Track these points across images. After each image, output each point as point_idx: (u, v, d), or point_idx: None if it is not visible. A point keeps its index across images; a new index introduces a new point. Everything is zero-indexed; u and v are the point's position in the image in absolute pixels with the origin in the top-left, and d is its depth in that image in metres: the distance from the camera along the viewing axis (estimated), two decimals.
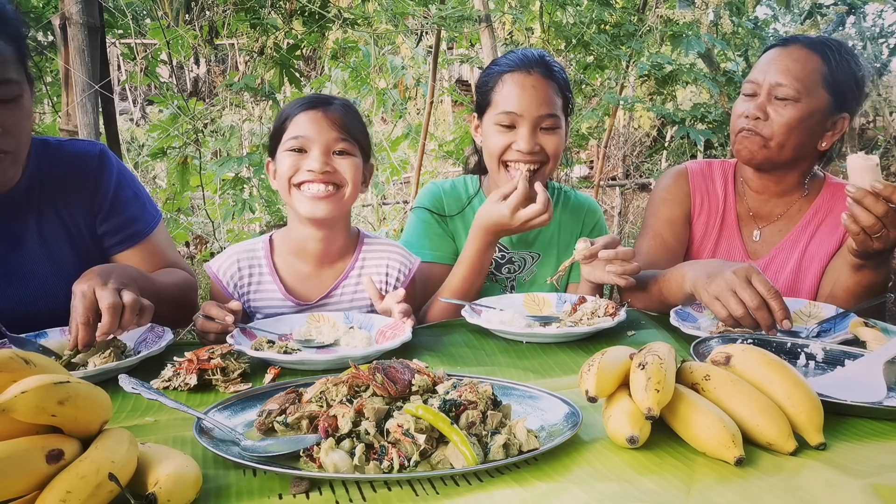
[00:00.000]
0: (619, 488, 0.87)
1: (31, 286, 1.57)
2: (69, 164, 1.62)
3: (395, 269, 1.76)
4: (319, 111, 1.63)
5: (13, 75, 1.38)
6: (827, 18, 6.38)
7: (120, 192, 1.67)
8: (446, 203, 2.00)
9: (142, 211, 1.71)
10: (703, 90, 5.42)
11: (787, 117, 1.74)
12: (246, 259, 1.72)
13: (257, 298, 1.71)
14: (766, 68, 1.78)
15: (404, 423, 0.94)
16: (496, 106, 1.83)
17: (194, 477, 0.84)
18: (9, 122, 1.39)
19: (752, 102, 1.79)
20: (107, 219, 1.65)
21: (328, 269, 1.74)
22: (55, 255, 1.59)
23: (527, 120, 1.79)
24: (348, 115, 1.66)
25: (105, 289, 1.32)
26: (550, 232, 2.01)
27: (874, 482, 0.85)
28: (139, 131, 6.66)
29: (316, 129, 1.61)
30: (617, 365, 1.04)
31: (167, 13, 3.80)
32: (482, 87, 1.91)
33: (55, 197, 1.59)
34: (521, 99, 1.79)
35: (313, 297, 1.72)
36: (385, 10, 3.58)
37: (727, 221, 1.95)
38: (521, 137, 1.79)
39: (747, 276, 1.41)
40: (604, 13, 4.05)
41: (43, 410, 0.78)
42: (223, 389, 1.26)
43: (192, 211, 4.68)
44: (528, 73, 1.81)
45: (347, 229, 1.76)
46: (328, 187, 1.62)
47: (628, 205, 6.74)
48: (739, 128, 1.81)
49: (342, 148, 1.63)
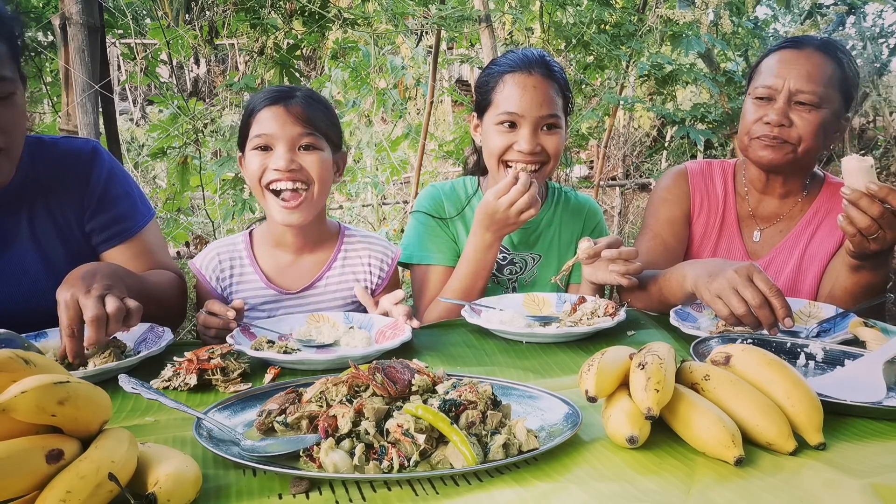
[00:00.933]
0: (618, 488, 0.87)
1: (23, 285, 1.57)
2: (61, 162, 1.61)
3: (378, 260, 1.80)
4: (281, 106, 1.62)
5: (7, 73, 1.39)
6: (827, 18, 6.38)
7: (110, 189, 1.65)
8: (446, 205, 2.00)
9: (132, 209, 1.69)
10: (703, 90, 5.42)
11: (814, 124, 1.72)
12: (227, 253, 1.75)
13: (240, 290, 1.73)
14: (783, 72, 1.74)
15: (404, 423, 0.94)
16: (497, 106, 1.83)
17: (194, 477, 0.84)
18: (3, 120, 1.39)
19: (769, 108, 1.75)
20: (95, 215, 1.64)
21: (308, 257, 1.77)
22: (47, 253, 1.59)
23: (528, 120, 1.79)
24: (312, 106, 1.64)
25: (88, 297, 1.27)
26: (551, 233, 2.01)
27: (874, 482, 0.85)
28: (139, 131, 6.66)
29: (279, 125, 1.61)
30: (617, 365, 1.04)
31: (167, 13, 3.80)
32: (482, 87, 1.90)
33: (47, 195, 1.59)
34: (523, 99, 1.79)
35: (294, 286, 1.74)
36: (385, 10, 3.58)
37: (727, 222, 1.95)
38: (522, 138, 1.79)
39: (749, 275, 1.41)
40: (604, 13, 4.05)
41: (43, 410, 0.78)
42: (223, 389, 1.26)
43: (192, 211, 4.68)
44: (529, 73, 1.81)
45: (322, 219, 1.78)
46: (296, 185, 1.61)
47: (628, 205, 6.74)
48: (758, 134, 1.77)
49: (307, 143, 1.62)
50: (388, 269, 1.80)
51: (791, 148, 1.76)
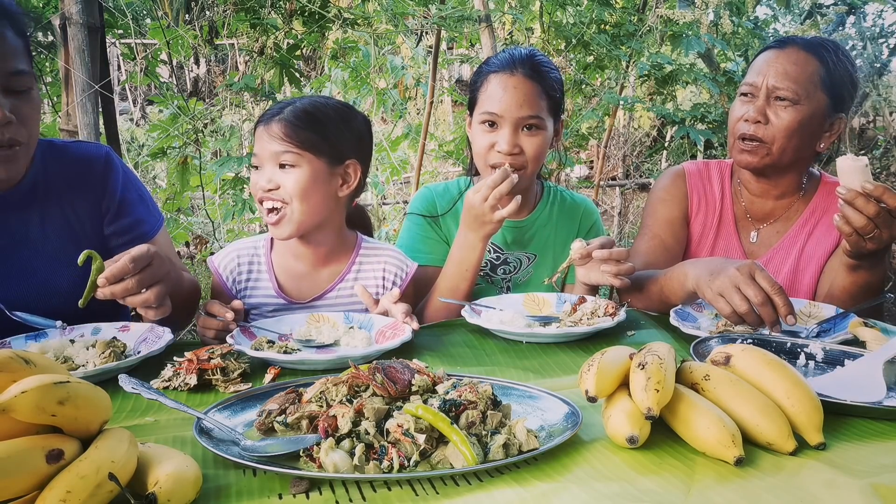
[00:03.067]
0: (618, 488, 0.87)
1: (31, 286, 1.58)
2: (75, 166, 1.64)
3: (392, 273, 1.76)
4: (263, 126, 1.64)
5: (25, 67, 1.42)
6: (827, 18, 6.38)
7: (126, 194, 1.70)
8: (439, 205, 1.99)
9: (147, 213, 1.74)
10: (703, 90, 5.41)
11: (788, 120, 1.74)
12: (247, 255, 1.75)
13: (252, 295, 1.73)
14: (763, 70, 1.77)
15: (404, 423, 0.94)
16: (481, 105, 1.84)
17: (194, 477, 0.84)
18: (23, 113, 1.42)
19: (750, 105, 1.78)
20: (115, 220, 1.68)
21: (323, 269, 1.75)
22: (58, 253, 1.60)
23: (507, 121, 1.79)
24: (299, 122, 1.61)
25: (146, 273, 1.37)
26: (546, 233, 2.01)
27: (874, 482, 0.86)
28: (139, 131, 6.65)
29: (262, 145, 1.63)
30: (617, 365, 1.04)
31: (167, 13, 3.81)
32: (472, 85, 1.92)
33: (61, 197, 1.62)
34: (503, 100, 1.79)
35: (306, 296, 1.72)
36: (385, 10, 3.58)
37: (724, 222, 1.96)
38: (501, 137, 1.80)
39: (751, 272, 1.41)
40: (604, 13, 4.05)
41: (43, 410, 0.78)
42: (223, 389, 1.26)
43: (192, 211, 4.68)
44: (512, 73, 1.80)
45: (334, 231, 1.74)
46: (273, 203, 1.62)
47: (628, 205, 6.73)
48: (740, 133, 1.79)
49: (283, 161, 1.61)
50: (403, 283, 1.76)
51: (766, 150, 1.77)
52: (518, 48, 1.92)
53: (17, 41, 1.41)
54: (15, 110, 1.40)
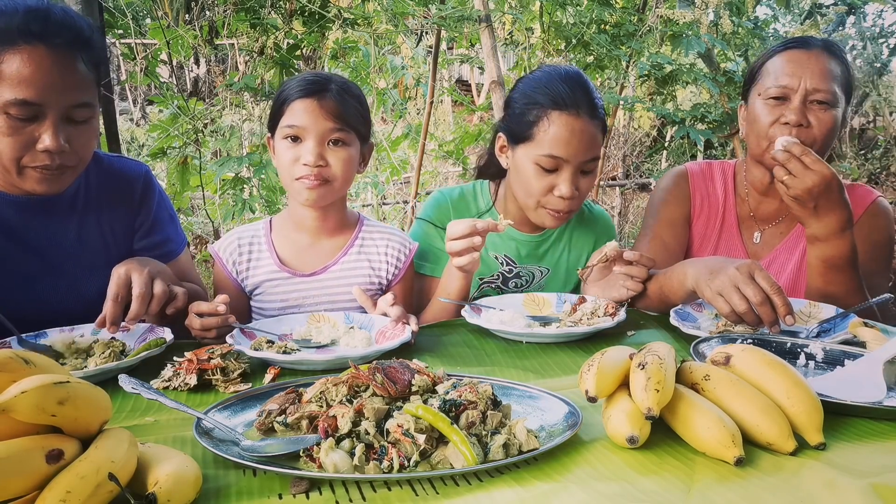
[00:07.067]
0: (618, 488, 0.87)
1: (60, 284, 1.62)
2: (116, 181, 1.70)
3: (396, 250, 1.80)
4: (314, 100, 1.63)
5: (90, 99, 1.44)
6: (827, 18, 6.38)
7: (160, 213, 1.77)
8: (454, 214, 1.93)
9: (175, 233, 1.81)
10: (703, 90, 5.42)
11: (829, 123, 1.72)
12: (246, 238, 1.78)
13: (254, 274, 1.75)
14: (798, 71, 1.72)
15: (404, 423, 0.94)
16: (540, 145, 1.72)
17: (194, 477, 0.84)
18: (78, 143, 1.45)
19: (784, 108, 1.73)
20: (146, 236, 1.74)
21: (326, 241, 1.78)
22: (89, 261, 1.65)
23: (572, 165, 1.72)
24: (345, 101, 1.66)
25: (141, 274, 1.41)
26: (562, 246, 1.98)
27: (874, 482, 0.85)
28: (139, 131, 6.66)
29: (311, 119, 1.63)
30: (617, 365, 1.04)
31: (167, 13, 3.80)
32: (520, 114, 1.77)
33: (99, 208, 1.67)
34: (570, 144, 1.70)
35: (308, 269, 1.76)
36: (385, 10, 3.58)
37: (727, 223, 1.95)
38: (563, 181, 1.72)
39: (750, 272, 1.41)
40: (604, 13, 4.05)
41: (43, 410, 0.78)
42: (223, 389, 1.26)
43: (192, 211, 4.69)
44: (578, 114, 1.71)
45: (343, 205, 1.82)
46: (323, 175, 1.65)
47: (628, 205, 6.74)
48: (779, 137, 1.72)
49: (336, 138, 1.65)
50: (405, 262, 1.80)
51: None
52: (569, 72, 1.80)
53: (88, 73, 1.42)
54: (71, 139, 1.42)
